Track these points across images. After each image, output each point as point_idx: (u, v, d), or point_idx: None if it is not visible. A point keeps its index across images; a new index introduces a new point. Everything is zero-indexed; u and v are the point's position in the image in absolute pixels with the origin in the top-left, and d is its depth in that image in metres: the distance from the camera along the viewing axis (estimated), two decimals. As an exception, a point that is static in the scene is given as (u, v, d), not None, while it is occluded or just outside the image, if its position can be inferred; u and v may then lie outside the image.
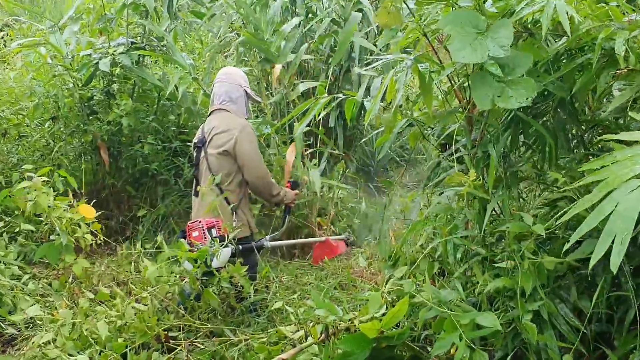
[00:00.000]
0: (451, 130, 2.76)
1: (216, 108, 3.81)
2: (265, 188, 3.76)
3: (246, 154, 3.64)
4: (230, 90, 3.82)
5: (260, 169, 3.70)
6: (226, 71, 3.97)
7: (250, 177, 3.68)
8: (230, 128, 3.67)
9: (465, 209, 2.73)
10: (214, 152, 3.67)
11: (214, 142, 3.70)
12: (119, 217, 5.52)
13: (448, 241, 2.74)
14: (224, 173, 3.64)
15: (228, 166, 3.66)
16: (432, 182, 2.88)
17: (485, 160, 2.66)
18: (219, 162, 3.66)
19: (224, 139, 3.66)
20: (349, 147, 7.42)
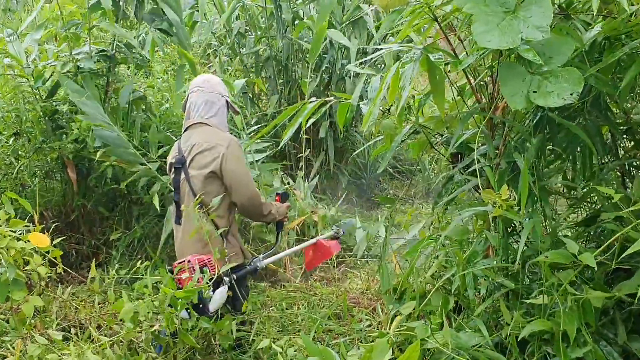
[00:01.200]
0: (466, 137, 2.25)
1: (194, 122, 3.25)
2: (256, 210, 3.23)
3: (234, 174, 3.10)
4: (210, 100, 3.26)
5: (250, 190, 3.16)
6: (204, 79, 3.38)
7: (240, 199, 3.13)
8: (214, 145, 3.12)
9: (487, 232, 2.22)
10: (197, 174, 3.13)
11: (196, 162, 3.15)
12: (90, 241, 4.95)
13: (467, 272, 2.22)
14: (211, 196, 3.12)
15: (216, 189, 3.13)
16: (444, 200, 2.36)
17: (509, 173, 2.16)
18: (204, 184, 3.12)
19: (208, 158, 3.11)
20: (340, 159, 6.92)
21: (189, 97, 3.32)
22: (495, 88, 2.01)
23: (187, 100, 3.33)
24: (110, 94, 5.12)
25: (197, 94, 3.28)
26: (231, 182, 3.10)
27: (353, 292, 4.44)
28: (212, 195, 3.11)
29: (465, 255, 2.29)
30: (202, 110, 3.24)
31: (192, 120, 3.26)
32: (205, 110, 3.24)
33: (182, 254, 3.18)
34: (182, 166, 3.20)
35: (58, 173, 4.99)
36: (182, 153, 3.23)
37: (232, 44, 6.38)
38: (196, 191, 3.13)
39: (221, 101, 3.30)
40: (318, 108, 2.34)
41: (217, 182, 3.12)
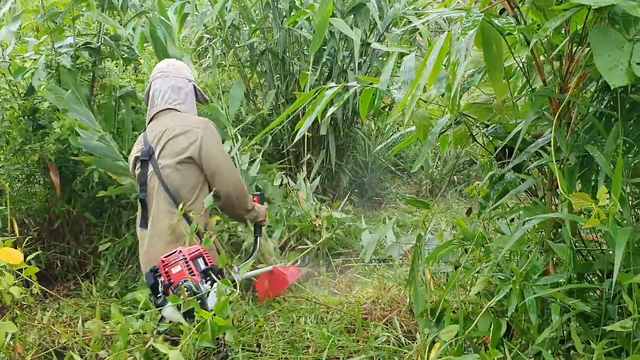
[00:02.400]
0: (520, 127, 1.81)
1: (161, 109, 2.80)
2: (241, 201, 2.78)
3: (217, 159, 2.68)
4: (177, 85, 2.83)
5: (235, 176, 2.73)
6: (168, 63, 2.96)
7: (225, 187, 2.69)
8: (189, 128, 2.69)
9: (550, 243, 1.78)
10: (171, 162, 2.68)
11: (169, 150, 2.70)
12: (77, 250, 4.47)
13: (526, 290, 1.78)
14: (187, 188, 2.67)
15: (193, 178, 2.69)
16: (492, 205, 1.92)
17: (580, 169, 1.71)
18: (180, 174, 2.68)
19: (184, 143, 2.68)
20: (341, 158, 6.47)
21: (152, 84, 2.87)
22: (571, 64, 1.57)
23: (150, 87, 2.88)
24: (96, 90, 4.64)
25: (161, 79, 2.84)
26: (215, 168, 2.67)
27: (363, 301, 3.99)
28: (188, 187, 2.67)
29: (522, 269, 1.85)
30: (169, 96, 2.80)
31: (157, 107, 2.80)
32: (172, 97, 2.80)
33: (153, 260, 2.62)
34: (150, 158, 2.75)
35: (41, 177, 4.50)
36: (148, 144, 2.76)
37: (225, 37, 5.90)
38: (168, 183, 2.67)
39: (188, 86, 2.87)
40: (338, 94, 1.89)
41: (193, 171, 2.67)
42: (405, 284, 2.52)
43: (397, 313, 3.75)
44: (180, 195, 2.67)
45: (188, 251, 2.34)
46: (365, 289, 4.22)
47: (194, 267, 2.29)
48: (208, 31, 6.19)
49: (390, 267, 4.81)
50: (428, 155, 7.53)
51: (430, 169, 7.32)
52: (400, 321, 3.66)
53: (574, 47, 1.56)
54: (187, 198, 2.67)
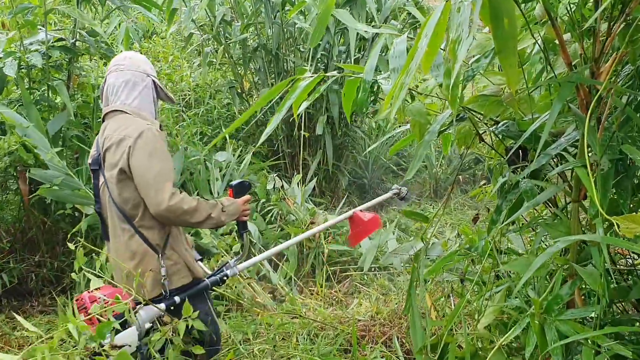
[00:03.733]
0: (537, 124, 1.44)
1: (111, 109, 2.42)
2: (181, 218, 2.29)
3: (140, 172, 2.26)
4: (131, 80, 2.44)
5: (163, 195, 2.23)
6: (125, 55, 2.54)
7: (153, 208, 2.24)
8: (123, 137, 2.30)
9: (578, 268, 1.41)
10: (110, 176, 2.34)
11: (107, 161, 2.36)
12: (53, 263, 4.12)
13: (547, 326, 1.42)
14: (130, 204, 2.31)
15: (131, 194, 2.32)
16: (505, 219, 1.55)
17: (615, 175, 1.35)
18: (119, 189, 2.32)
19: (117, 155, 2.31)
20: (339, 158, 6.11)
21: (106, 78, 2.48)
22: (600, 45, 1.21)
23: (104, 82, 2.49)
24: (73, 89, 4.30)
25: (115, 73, 2.44)
26: (139, 184, 2.26)
27: (361, 316, 3.63)
28: (130, 203, 2.30)
29: (541, 299, 1.48)
30: (122, 92, 2.42)
31: (109, 107, 2.42)
32: (125, 93, 2.42)
33: (117, 277, 2.39)
34: (99, 167, 2.41)
35: (14, 184, 4.16)
36: (99, 150, 2.40)
37: (216, 33, 5.55)
38: (114, 197, 2.32)
39: (146, 81, 2.47)
40: (316, 86, 1.52)
41: (130, 185, 2.29)
42: (404, 308, 2.15)
43: (397, 330, 3.40)
44: (125, 211, 2.33)
45: (89, 299, 2.06)
46: (363, 302, 3.86)
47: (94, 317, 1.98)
48: (198, 27, 5.83)
49: (392, 275, 4.46)
50: (431, 154, 7.16)
51: (434, 168, 6.95)
52: (402, 338, 3.32)
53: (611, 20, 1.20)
54: (132, 214, 2.32)
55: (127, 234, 2.31)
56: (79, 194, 3.53)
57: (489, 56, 1.51)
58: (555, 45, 1.53)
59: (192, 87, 6.35)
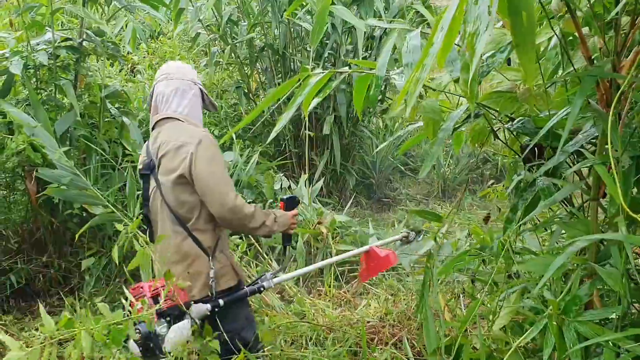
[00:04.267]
0: (555, 120, 1.41)
1: (163, 117, 2.47)
2: (241, 222, 2.39)
3: (206, 179, 2.32)
4: (181, 88, 2.49)
5: (228, 198, 2.33)
6: (172, 65, 2.61)
7: (216, 210, 2.33)
8: (182, 143, 2.36)
9: (598, 268, 1.37)
10: (167, 180, 2.38)
11: (163, 166, 2.40)
12: (60, 264, 4.11)
13: (565, 327, 1.38)
14: (185, 207, 2.38)
15: (190, 197, 2.37)
16: (521, 219, 1.51)
17: (636, 172, 1.31)
18: (176, 193, 2.37)
19: (177, 161, 2.36)
20: (346, 158, 6.07)
21: (154, 87, 2.54)
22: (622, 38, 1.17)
23: (152, 91, 2.54)
24: (80, 90, 4.29)
25: (164, 82, 2.50)
26: (203, 188, 2.33)
27: (370, 317, 3.60)
28: (186, 206, 2.37)
29: (558, 299, 1.45)
30: (172, 100, 2.47)
31: (160, 114, 2.48)
32: (175, 102, 2.47)
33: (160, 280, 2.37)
34: (152, 172, 2.46)
35: (21, 184, 4.15)
36: (150, 156, 2.47)
37: (222, 33, 5.53)
38: (168, 201, 2.38)
39: (194, 89, 2.52)
40: (326, 83, 1.49)
41: (189, 190, 2.36)
42: (415, 310, 2.11)
43: (407, 331, 3.36)
44: (179, 214, 2.39)
45: (149, 288, 2.12)
46: (371, 303, 3.83)
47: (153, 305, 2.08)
48: (205, 27, 5.81)
49: (400, 275, 4.42)
50: (439, 154, 7.12)
51: (442, 168, 6.91)
52: (412, 340, 3.28)
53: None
54: (187, 217, 2.39)
55: (179, 237, 2.37)
56: (86, 194, 3.51)
57: (504, 51, 1.47)
58: (572, 40, 1.50)
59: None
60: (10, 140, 3.43)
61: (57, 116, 4.03)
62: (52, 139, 3.57)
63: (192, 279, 2.33)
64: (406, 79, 1.38)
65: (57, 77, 4.01)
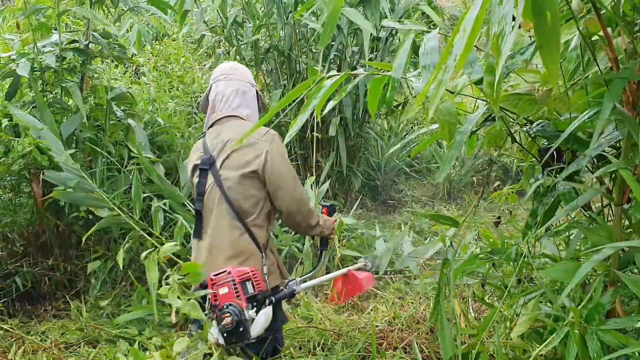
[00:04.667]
0: (579, 123, 1.37)
1: (224, 115, 2.53)
2: (304, 218, 2.51)
3: (281, 174, 2.43)
4: (241, 89, 2.58)
5: (298, 193, 2.48)
6: (231, 66, 2.67)
7: (287, 205, 2.44)
8: (256, 140, 2.43)
9: (622, 275, 1.34)
10: (234, 175, 2.42)
11: (233, 161, 2.44)
12: (66, 267, 4.08)
13: (588, 336, 1.35)
14: (250, 202, 2.43)
15: (256, 192, 2.45)
16: (541, 224, 1.47)
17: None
18: (244, 187, 2.42)
19: (249, 156, 2.42)
20: (352, 160, 6.03)
21: (212, 87, 2.61)
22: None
23: (209, 91, 2.62)
24: (86, 92, 4.26)
25: (224, 82, 2.58)
26: (278, 184, 2.42)
27: (377, 321, 3.56)
28: (251, 201, 2.42)
29: (580, 306, 1.41)
30: (233, 100, 2.55)
31: (222, 112, 2.53)
32: (236, 102, 2.55)
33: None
34: (211, 167, 2.48)
35: (27, 186, 4.12)
36: (209, 152, 2.50)
37: (228, 35, 5.50)
38: (231, 196, 2.41)
39: (252, 91, 2.62)
40: (341, 84, 1.46)
41: (258, 185, 2.44)
42: (430, 316, 2.07)
43: (416, 336, 3.32)
44: (242, 209, 2.43)
45: (237, 273, 2.17)
46: (379, 307, 3.78)
47: (242, 290, 2.15)
48: (210, 29, 5.78)
49: (407, 278, 4.38)
50: (445, 155, 7.08)
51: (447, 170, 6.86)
52: (421, 344, 3.24)
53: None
54: (249, 212, 2.43)
55: (237, 232, 2.39)
56: (93, 197, 3.48)
57: (525, 52, 1.44)
58: (593, 42, 1.46)
59: (203, 88, 6.30)
60: (16, 143, 3.40)
61: (63, 119, 4.01)
62: (58, 141, 3.54)
63: None
64: (425, 81, 1.35)
65: (64, 80, 3.99)
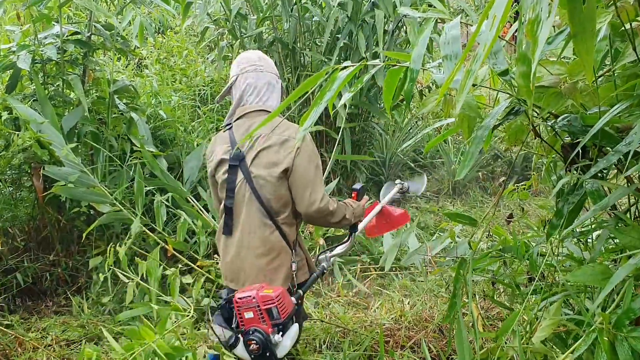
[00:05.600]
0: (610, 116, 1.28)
1: (256, 109, 2.38)
2: (325, 219, 2.40)
3: (301, 171, 2.29)
4: (272, 82, 2.43)
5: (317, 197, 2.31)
6: (259, 56, 2.50)
7: (305, 209, 2.32)
8: (287, 137, 2.32)
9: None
10: (265, 173, 2.31)
11: (264, 159, 2.32)
12: (67, 262, 4.00)
13: (618, 343, 1.27)
14: (280, 201, 2.35)
15: (286, 193, 2.35)
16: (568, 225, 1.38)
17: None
18: (274, 186, 2.32)
19: (280, 155, 2.31)
20: (357, 154, 5.94)
21: (239, 77, 2.41)
22: None
23: (236, 81, 2.43)
24: (88, 85, 4.17)
25: (255, 74, 2.40)
26: (296, 182, 2.30)
27: (384, 319, 3.48)
28: (281, 200, 2.33)
29: (608, 311, 1.33)
30: (264, 94, 2.40)
31: (251, 107, 2.38)
32: (267, 95, 2.40)
33: (238, 272, 2.40)
34: (240, 163, 2.36)
35: (28, 180, 4.04)
36: (238, 147, 2.37)
37: (231, 27, 5.40)
38: (262, 194, 2.32)
39: (279, 83, 2.48)
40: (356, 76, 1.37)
41: (286, 185, 2.34)
42: (444, 318, 2.00)
43: (424, 334, 3.24)
44: (272, 208, 2.35)
45: (261, 299, 2.07)
46: (385, 304, 3.71)
47: (267, 316, 2.07)
48: (213, 21, 5.68)
49: (413, 275, 4.30)
50: (449, 150, 6.99)
51: (452, 165, 6.77)
52: (428, 342, 3.16)
53: None
54: (280, 211, 2.35)
55: (267, 230, 2.33)
56: (94, 192, 3.40)
57: (552, 42, 1.35)
58: (623, 32, 1.37)
59: (207, 82, 6.21)
60: (16, 137, 3.32)
61: (64, 112, 3.93)
62: (60, 135, 3.47)
63: (275, 271, 2.33)
64: (447, 72, 1.26)
65: (65, 72, 3.90)
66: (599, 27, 1.37)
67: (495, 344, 1.52)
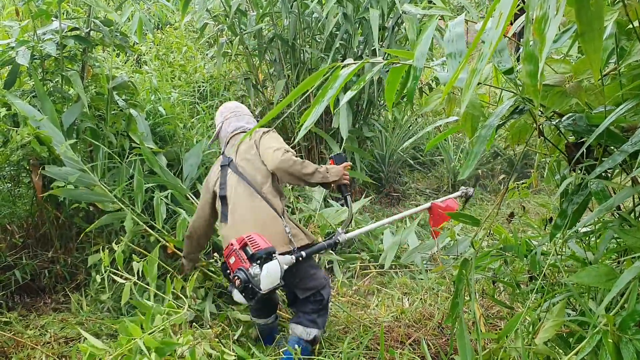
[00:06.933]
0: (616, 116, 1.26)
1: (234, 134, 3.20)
2: (295, 168, 2.81)
3: (264, 143, 2.98)
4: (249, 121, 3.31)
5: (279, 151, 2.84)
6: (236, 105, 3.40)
7: (274, 164, 2.83)
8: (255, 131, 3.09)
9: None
10: (245, 157, 3.02)
11: (241, 150, 3.06)
12: (66, 259, 3.98)
13: (623, 345, 1.25)
14: (261, 173, 2.95)
15: (262, 165, 2.96)
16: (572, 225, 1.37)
17: None
18: (252, 163, 2.99)
19: (250, 141, 3.06)
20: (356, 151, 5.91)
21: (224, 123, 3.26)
22: None
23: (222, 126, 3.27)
24: (87, 81, 4.14)
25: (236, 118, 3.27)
26: (263, 150, 2.94)
27: (384, 317, 3.47)
28: (262, 172, 2.94)
29: (612, 313, 1.31)
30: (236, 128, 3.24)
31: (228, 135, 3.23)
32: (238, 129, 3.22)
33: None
34: (229, 164, 3.06)
35: (27, 177, 4.01)
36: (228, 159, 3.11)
37: (231, 24, 5.37)
38: (245, 173, 2.96)
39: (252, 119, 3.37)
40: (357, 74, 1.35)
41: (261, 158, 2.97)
42: (446, 319, 1.98)
43: (424, 332, 3.23)
44: (255, 180, 2.92)
45: (237, 242, 2.62)
46: (384, 301, 3.69)
47: (244, 254, 2.57)
48: (213, 17, 5.65)
49: (413, 273, 4.28)
50: (449, 148, 6.97)
51: (452, 162, 6.75)
52: (428, 341, 3.15)
53: None
54: (262, 182, 2.90)
55: (256, 200, 2.86)
56: (94, 192, 3.38)
57: (557, 41, 1.33)
58: (629, 30, 1.35)
59: (206, 78, 6.18)
60: (15, 133, 3.29)
61: (63, 108, 3.90)
62: (59, 131, 3.44)
63: (271, 239, 2.67)
64: (451, 71, 1.24)
65: (64, 68, 3.87)
66: (605, 26, 1.35)
67: (497, 345, 1.50)
